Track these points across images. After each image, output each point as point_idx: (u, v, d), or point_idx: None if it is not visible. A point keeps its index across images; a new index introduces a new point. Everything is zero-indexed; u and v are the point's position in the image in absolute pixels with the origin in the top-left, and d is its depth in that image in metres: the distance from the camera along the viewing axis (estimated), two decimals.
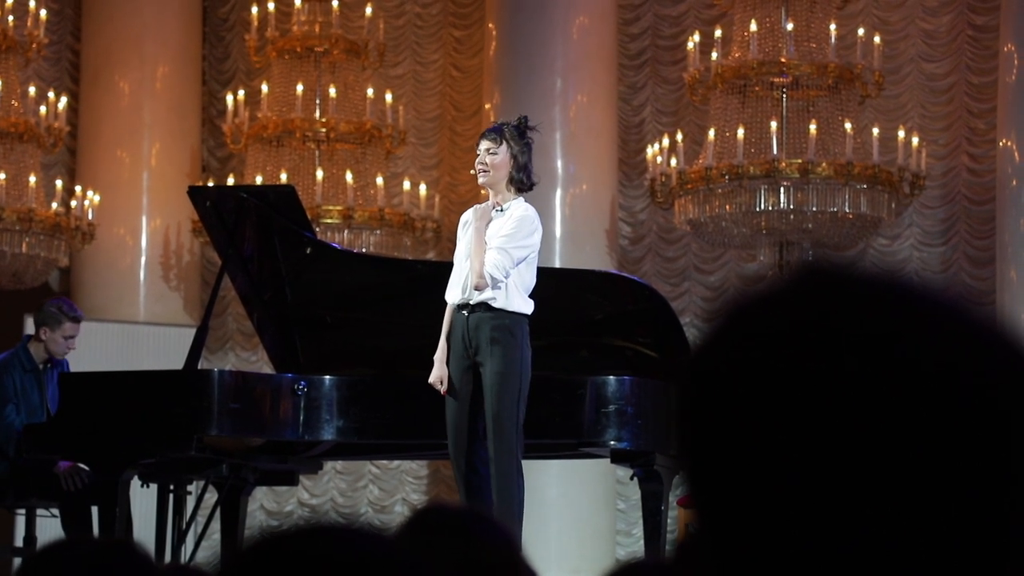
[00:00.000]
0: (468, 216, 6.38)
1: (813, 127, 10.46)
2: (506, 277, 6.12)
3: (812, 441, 0.90)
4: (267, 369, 9.35)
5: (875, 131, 10.72)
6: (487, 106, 11.78)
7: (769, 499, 0.91)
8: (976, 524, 0.89)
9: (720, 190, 10.53)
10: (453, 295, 6.33)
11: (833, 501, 0.89)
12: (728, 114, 10.70)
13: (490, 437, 6.08)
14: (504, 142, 6.14)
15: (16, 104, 11.22)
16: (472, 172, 6.41)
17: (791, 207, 10.42)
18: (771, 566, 0.90)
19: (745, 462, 0.91)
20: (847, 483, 0.89)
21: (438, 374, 6.31)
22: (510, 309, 6.16)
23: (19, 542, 8.61)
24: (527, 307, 6.20)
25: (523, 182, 6.22)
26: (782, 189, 10.40)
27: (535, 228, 6.14)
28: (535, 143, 6.37)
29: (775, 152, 10.42)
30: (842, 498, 0.89)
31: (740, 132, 10.46)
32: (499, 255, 6.09)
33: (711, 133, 10.65)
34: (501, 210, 6.26)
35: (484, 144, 6.21)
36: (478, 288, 6.09)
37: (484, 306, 6.16)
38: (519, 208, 6.20)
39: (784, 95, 10.70)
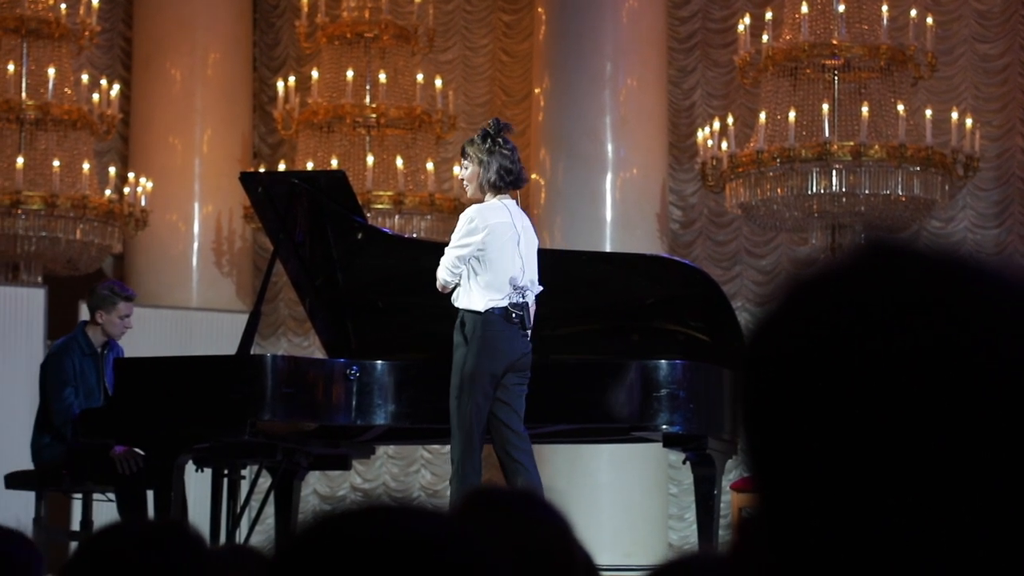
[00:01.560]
0: None
1: (865, 109, 10.39)
2: (451, 276, 6.35)
3: (876, 422, 0.89)
4: (319, 354, 9.39)
5: (928, 113, 10.63)
6: (537, 91, 11.76)
7: (831, 482, 0.90)
8: None
9: (771, 173, 10.48)
10: None
11: (897, 484, 0.88)
12: (779, 97, 10.64)
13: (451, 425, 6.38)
14: (469, 157, 6.40)
15: (69, 92, 11.29)
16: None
17: (843, 190, 10.36)
18: (833, 549, 0.90)
19: (807, 444, 0.90)
20: (912, 465, 0.88)
21: None
22: (461, 306, 6.36)
23: (76, 526, 8.68)
24: (480, 304, 6.32)
25: (496, 184, 6.38)
26: (834, 172, 10.34)
27: (472, 228, 6.30)
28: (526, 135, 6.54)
29: (827, 135, 10.36)
30: (907, 481, 0.88)
31: (791, 115, 10.40)
32: (443, 258, 6.38)
33: (762, 116, 10.60)
34: None
35: (461, 162, 6.54)
36: (440, 290, 6.42)
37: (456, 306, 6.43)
38: (468, 210, 6.42)
39: (836, 77, 10.63)
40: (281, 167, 11.97)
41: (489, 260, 6.32)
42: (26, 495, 7.74)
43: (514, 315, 6.35)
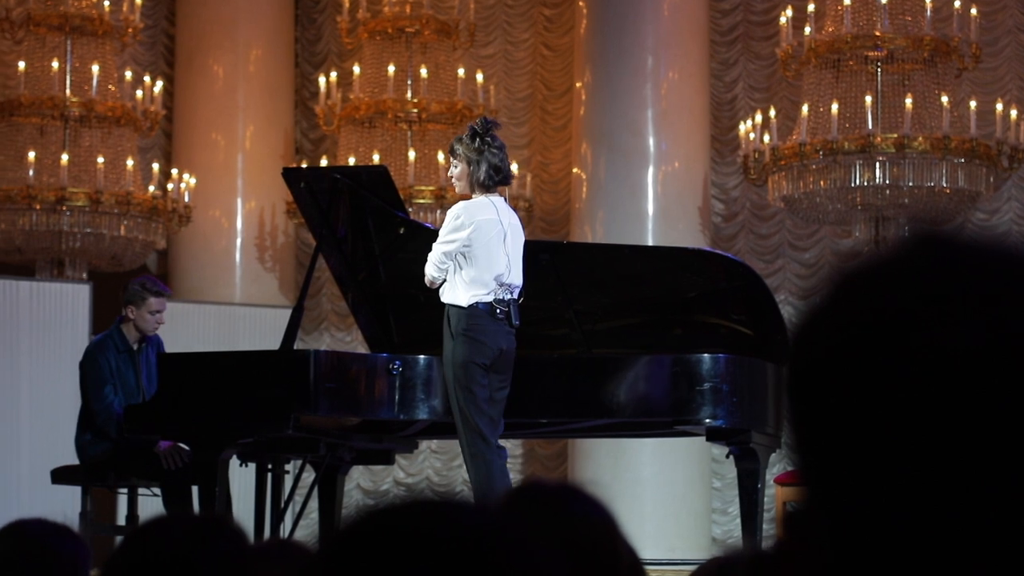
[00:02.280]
0: None
1: (909, 101, 10.33)
2: (437, 272, 6.47)
3: (926, 415, 0.88)
4: (362, 349, 9.40)
5: (972, 104, 10.57)
6: (578, 84, 11.75)
7: (880, 475, 0.89)
8: None
9: (814, 166, 10.43)
10: None
11: (950, 476, 0.87)
12: (822, 89, 10.59)
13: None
14: (459, 155, 6.50)
15: (113, 88, 11.35)
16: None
17: (887, 182, 10.30)
18: (883, 543, 0.89)
19: (855, 438, 0.90)
20: (964, 457, 0.87)
21: None
22: (447, 301, 6.48)
23: (121, 520, 8.73)
24: (464, 299, 6.43)
25: (485, 183, 6.47)
26: (877, 164, 10.28)
27: (458, 225, 6.40)
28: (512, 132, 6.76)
29: (870, 127, 10.31)
30: (959, 473, 0.87)
31: (834, 107, 10.36)
32: (430, 254, 6.48)
33: (805, 108, 10.55)
34: None
35: (450, 160, 6.61)
36: (428, 285, 6.53)
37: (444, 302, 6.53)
38: (455, 207, 6.51)
39: (879, 69, 10.57)
40: (323, 162, 12.00)
41: (475, 256, 6.43)
42: (72, 490, 7.79)
43: (499, 311, 6.46)
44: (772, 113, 10.98)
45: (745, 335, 7.37)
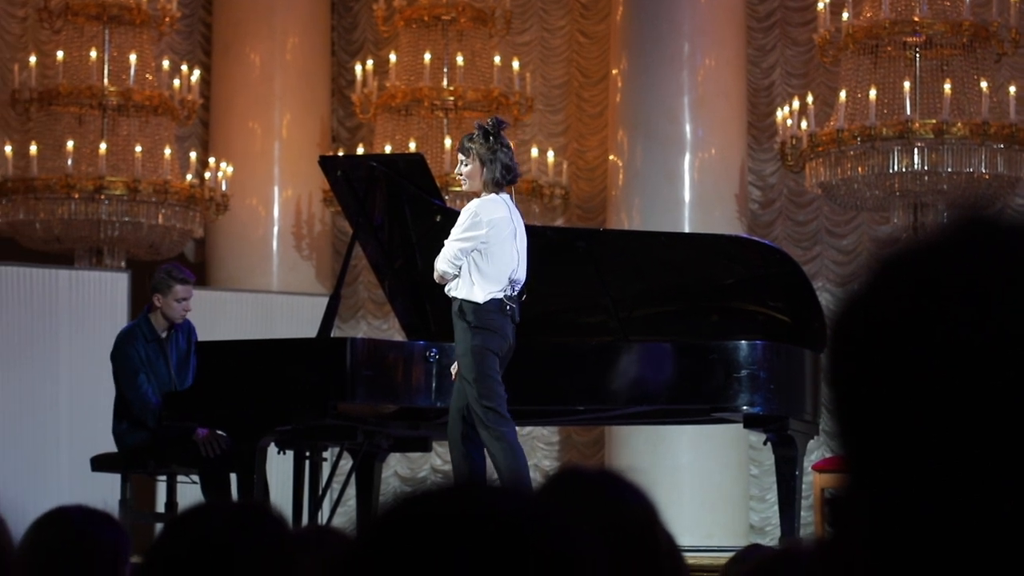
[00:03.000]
0: None
1: (948, 87, 10.27)
2: (451, 268, 6.50)
3: (974, 396, 0.87)
4: (399, 337, 9.42)
5: (1012, 89, 10.49)
6: (614, 71, 11.73)
7: (919, 463, 0.88)
8: None
9: (852, 152, 10.39)
10: None
11: (997, 459, 0.87)
12: (860, 75, 10.54)
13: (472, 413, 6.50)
14: (471, 153, 6.56)
15: (150, 78, 11.40)
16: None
17: (925, 168, 10.25)
18: (922, 531, 0.88)
19: (898, 424, 0.89)
20: (1000, 447, 0.87)
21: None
22: (461, 296, 6.51)
23: (161, 508, 8.78)
24: (480, 296, 6.48)
25: (498, 181, 6.55)
26: (916, 150, 10.23)
27: (475, 221, 6.48)
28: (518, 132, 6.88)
29: (908, 113, 10.25)
30: (996, 463, 0.87)
31: (872, 93, 10.30)
32: (443, 250, 6.53)
33: (842, 95, 10.50)
34: None
35: (459, 158, 6.66)
36: (439, 281, 6.57)
37: (452, 297, 6.57)
38: (471, 204, 6.56)
39: (917, 55, 10.51)
40: (359, 151, 12.02)
41: (491, 254, 6.49)
42: (112, 478, 7.83)
43: (508, 307, 6.52)
44: (809, 99, 10.93)
45: (782, 322, 7.35)
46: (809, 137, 10.54)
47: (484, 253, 6.50)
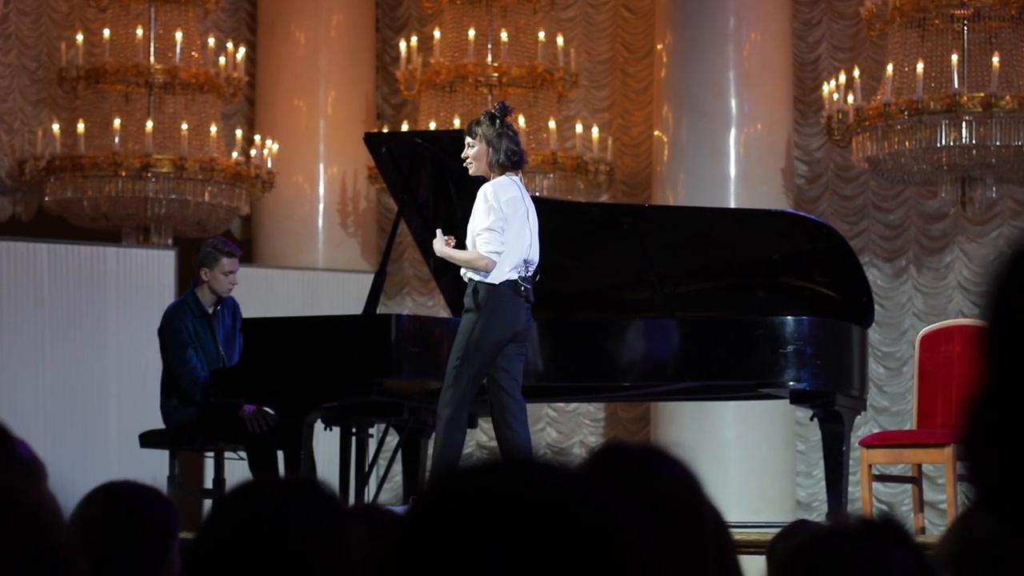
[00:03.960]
0: None
1: (996, 59, 10.18)
2: (495, 253, 6.50)
3: None
4: (444, 313, 9.43)
5: None
6: (659, 46, 11.68)
7: None
8: None
9: (899, 126, 10.31)
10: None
11: None
12: (907, 48, 10.47)
13: (443, 388, 6.52)
14: (478, 135, 6.62)
15: (196, 56, 11.43)
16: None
17: (973, 142, 10.17)
18: None
19: None
20: None
21: None
22: (477, 278, 6.56)
23: (208, 484, 8.83)
24: (495, 277, 6.53)
25: (504, 163, 6.59)
26: (964, 124, 10.15)
27: (493, 205, 6.50)
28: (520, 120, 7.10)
29: (956, 86, 10.17)
30: None
31: (919, 66, 10.23)
32: (481, 242, 6.51)
33: (889, 68, 10.43)
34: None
35: (466, 141, 6.69)
36: (488, 269, 6.52)
37: (467, 278, 6.64)
38: (483, 189, 6.59)
39: (965, 27, 10.42)
40: (404, 128, 12.02)
41: (505, 235, 6.53)
42: (160, 454, 7.89)
43: (522, 287, 6.55)
44: (856, 73, 10.86)
45: (829, 297, 7.32)
46: (856, 111, 10.48)
47: (496, 233, 6.55)
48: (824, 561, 1.53)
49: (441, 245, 6.63)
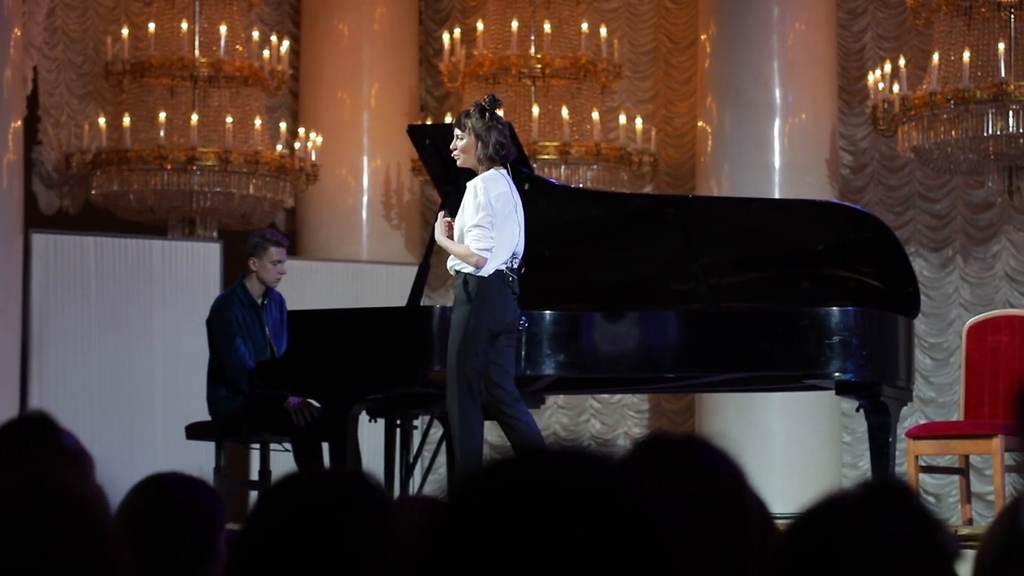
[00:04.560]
0: None
1: None
2: (486, 250, 6.51)
3: None
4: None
5: None
6: (703, 37, 11.64)
7: None
8: None
9: (945, 116, 10.25)
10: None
11: None
12: (953, 37, 10.39)
13: (447, 386, 6.53)
14: (466, 128, 6.63)
15: (241, 49, 11.47)
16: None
17: (1020, 131, 10.09)
18: None
19: None
20: None
21: None
22: (466, 271, 6.57)
23: (254, 476, 8.87)
24: (484, 269, 6.53)
25: (492, 157, 6.60)
26: (1011, 113, 10.07)
27: (480, 202, 6.51)
28: (508, 113, 7.16)
29: (1003, 75, 10.09)
30: None
31: (966, 55, 10.16)
32: (470, 241, 6.52)
33: (935, 57, 10.36)
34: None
35: (455, 134, 6.70)
36: (478, 266, 6.53)
37: (455, 270, 6.64)
38: (474, 183, 6.60)
39: (1012, 15, 10.34)
40: (448, 120, 12.03)
41: (495, 228, 6.55)
42: (206, 446, 7.92)
43: (510, 278, 6.57)
44: (902, 62, 10.79)
45: (875, 288, 7.29)
46: (901, 101, 10.42)
47: (491, 227, 6.58)
48: (823, 527, 1.53)
49: (440, 232, 6.65)
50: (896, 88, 10.54)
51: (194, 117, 11.25)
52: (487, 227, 6.50)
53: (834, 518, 1.52)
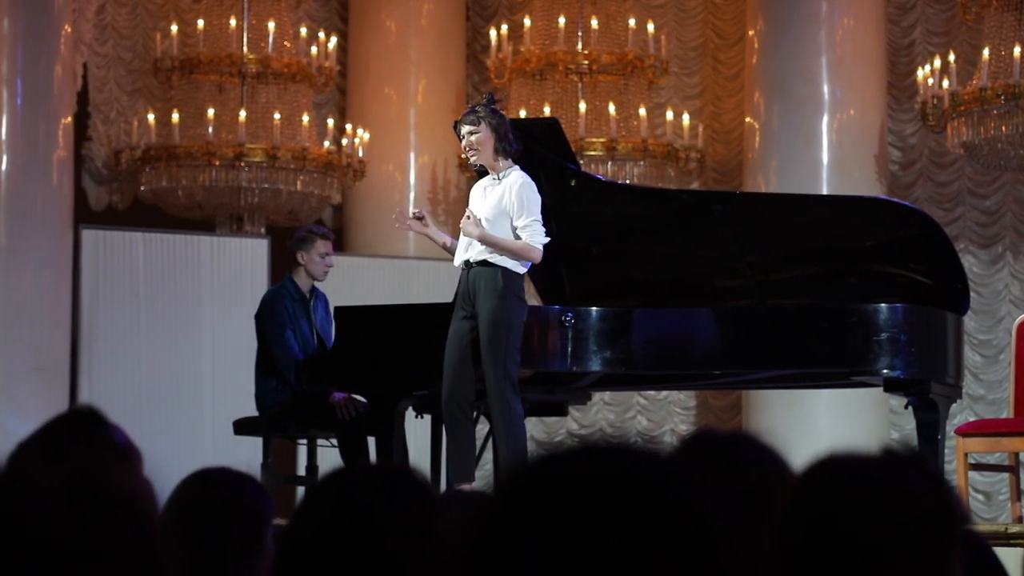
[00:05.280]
0: (475, 188, 6.86)
1: None
2: (544, 242, 6.58)
3: None
4: (534, 301, 9.44)
5: None
6: (750, 32, 11.60)
7: None
8: None
9: (995, 111, 10.18)
10: (458, 257, 6.76)
11: None
12: (1003, 32, 10.32)
13: (487, 383, 6.50)
14: (481, 120, 6.60)
15: (288, 45, 11.51)
16: (463, 156, 7.08)
17: None
18: None
19: None
20: None
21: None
22: (503, 264, 6.56)
23: (301, 471, 8.91)
24: (520, 267, 6.60)
25: (508, 148, 6.61)
26: None
27: (529, 197, 6.58)
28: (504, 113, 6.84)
29: None
30: None
31: (1016, 50, 10.08)
32: (533, 226, 6.55)
33: (985, 52, 10.29)
34: (498, 179, 6.67)
35: (465, 130, 6.66)
36: (535, 260, 6.61)
37: (481, 263, 6.60)
38: (516, 179, 6.60)
39: None
40: None
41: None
42: (254, 441, 7.96)
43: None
44: (951, 58, 10.72)
45: (923, 284, 7.24)
46: (951, 96, 10.35)
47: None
48: (836, 481, 1.52)
49: (479, 229, 6.60)
50: (946, 83, 10.47)
51: (242, 113, 11.30)
52: (541, 222, 6.56)
53: (845, 475, 1.52)
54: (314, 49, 11.51)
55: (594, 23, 11.61)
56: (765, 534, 1.43)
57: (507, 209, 6.59)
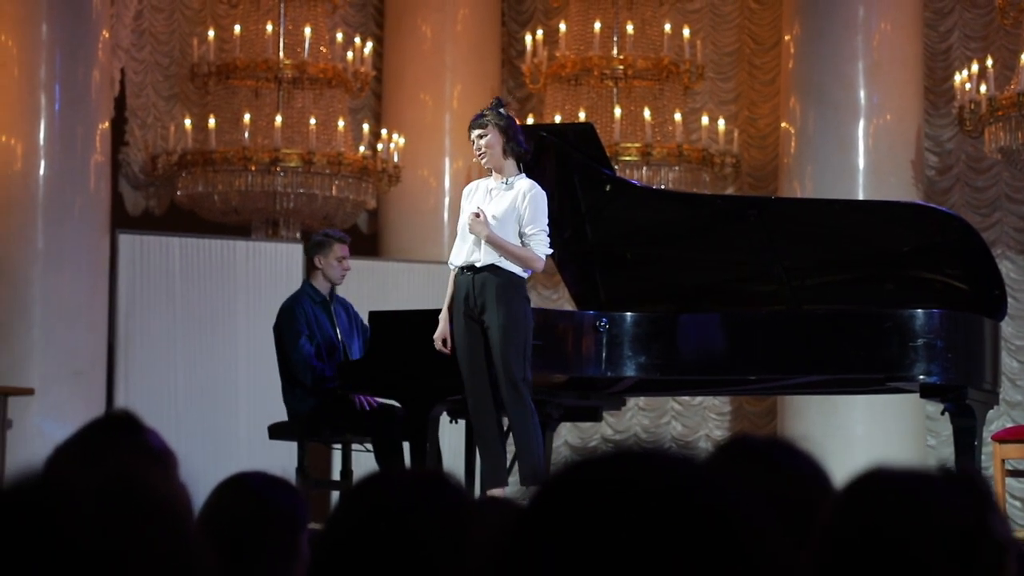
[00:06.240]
0: (472, 189, 6.85)
1: None
2: (548, 253, 6.64)
3: None
4: (568, 306, 9.43)
5: None
6: (787, 38, 11.57)
7: None
8: None
9: None
10: (458, 259, 6.75)
11: None
12: None
13: (502, 389, 6.49)
14: (489, 124, 6.64)
15: (324, 51, 11.54)
16: (475, 160, 7.07)
17: None
18: None
19: None
20: None
21: (440, 333, 6.75)
22: (511, 269, 6.57)
23: (336, 476, 8.92)
24: (523, 271, 6.61)
25: (517, 148, 6.64)
26: None
27: (540, 207, 6.58)
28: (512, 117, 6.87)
29: None
30: None
31: None
32: (540, 236, 6.56)
33: (1023, 57, 10.24)
34: (505, 183, 6.67)
35: (475, 133, 6.70)
36: (538, 270, 6.73)
37: (490, 267, 6.59)
38: (525, 185, 6.62)
39: None
40: (529, 121, 12.04)
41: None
42: (289, 446, 7.97)
43: None
44: (989, 63, 10.67)
45: (960, 290, 7.21)
46: (988, 101, 10.30)
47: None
48: (883, 497, 1.51)
49: (489, 229, 6.58)
50: (983, 88, 10.43)
51: (278, 119, 11.33)
52: (548, 233, 6.58)
53: (893, 491, 1.51)
54: (350, 54, 11.54)
55: (629, 28, 11.60)
56: (805, 544, 1.42)
57: (518, 214, 6.58)
